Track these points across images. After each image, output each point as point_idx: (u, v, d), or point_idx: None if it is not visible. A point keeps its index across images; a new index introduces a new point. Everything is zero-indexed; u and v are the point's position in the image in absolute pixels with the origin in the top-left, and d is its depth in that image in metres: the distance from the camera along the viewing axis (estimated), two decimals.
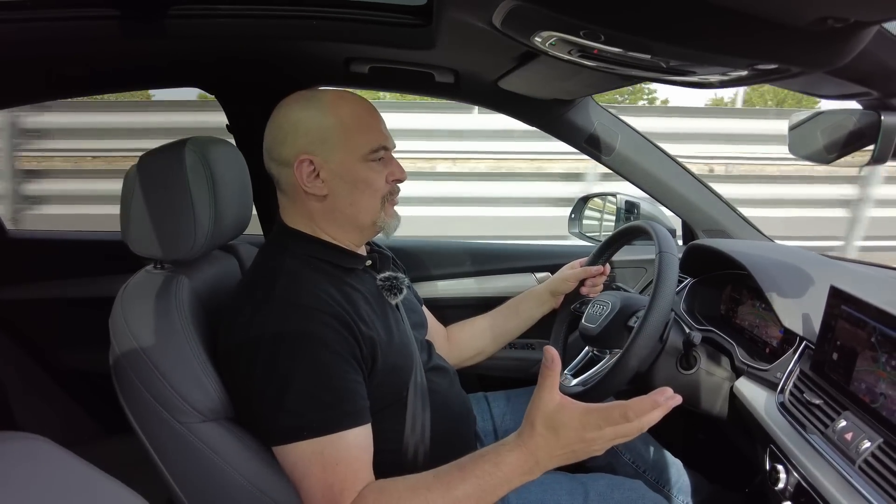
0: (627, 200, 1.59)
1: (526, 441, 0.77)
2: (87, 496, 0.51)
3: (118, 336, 0.90)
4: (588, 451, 0.77)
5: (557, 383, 0.77)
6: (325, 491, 0.79)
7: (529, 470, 0.78)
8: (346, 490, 0.79)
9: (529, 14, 0.69)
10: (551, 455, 0.76)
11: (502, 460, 0.78)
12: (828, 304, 0.88)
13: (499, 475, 0.77)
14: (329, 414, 0.81)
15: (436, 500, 0.77)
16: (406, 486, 0.80)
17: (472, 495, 0.77)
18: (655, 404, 0.73)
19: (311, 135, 0.91)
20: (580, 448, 0.76)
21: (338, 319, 0.86)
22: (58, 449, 0.51)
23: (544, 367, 0.76)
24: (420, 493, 0.78)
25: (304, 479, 0.80)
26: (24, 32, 1.05)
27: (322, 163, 0.92)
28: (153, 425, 0.88)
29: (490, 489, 0.78)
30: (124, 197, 0.94)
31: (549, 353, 0.76)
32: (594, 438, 0.75)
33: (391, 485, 0.81)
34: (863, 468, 0.73)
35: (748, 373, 1.04)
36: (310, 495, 0.80)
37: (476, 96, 1.51)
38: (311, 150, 0.91)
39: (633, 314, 1.13)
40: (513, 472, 0.77)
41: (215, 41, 1.18)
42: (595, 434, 0.74)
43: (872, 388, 0.78)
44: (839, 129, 0.89)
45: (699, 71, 0.74)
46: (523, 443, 0.77)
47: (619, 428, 0.74)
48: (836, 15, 0.54)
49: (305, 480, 0.80)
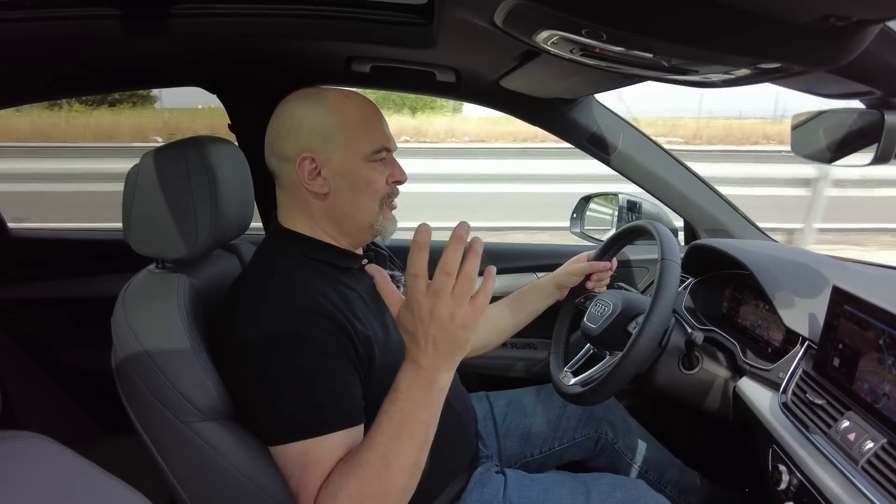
0: (629, 200, 1.58)
1: (405, 356, 0.77)
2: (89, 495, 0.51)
3: (120, 335, 0.90)
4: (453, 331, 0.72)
5: (394, 293, 0.76)
6: (301, 490, 0.78)
7: (425, 380, 0.75)
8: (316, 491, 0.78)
9: (531, 12, 0.69)
10: (426, 353, 0.74)
11: (396, 384, 0.76)
12: (830, 303, 0.88)
13: (400, 398, 0.76)
14: (320, 415, 0.81)
15: (364, 457, 0.76)
16: (341, 463, 0.78)
17: (388, 431, 0.75)
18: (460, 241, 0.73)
19: (315, 132, 0.91)
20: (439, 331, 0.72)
21: (331, 320, 0.85)
22: (59, 448, 0.51)
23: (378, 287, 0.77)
24: (351, 461, 0.77)
25: (289, 479, 0.81)
26: (25, 32, 1.05)
27: (324, 161, 0.92)
28: (155, 424, 0.88)
29: (403, 416, 0.75)
30: (126, 196, 0.94)
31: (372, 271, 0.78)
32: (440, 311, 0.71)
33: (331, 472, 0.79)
34: (866, 469, 0.72)
35: (750, 373, 1.04)
36: (293, 494, 0.80)
37: (477, 95, 1.51)
38: (313, 148, 0.91)
39: (633, 318, 1.13)
40: (410, 389, 0.75)
41: (217, 40, 1.18)
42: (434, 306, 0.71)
43: (876, 388, 0.77)
44: (842, 129, 0.89)
45: (701, 70, 0.74)
46: (405, 358, 0.77)
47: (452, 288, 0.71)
48: (838, 13, 0.53)
49: (290, 480, 0.80)
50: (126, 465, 0.66)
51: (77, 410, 1.73)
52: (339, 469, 0.78)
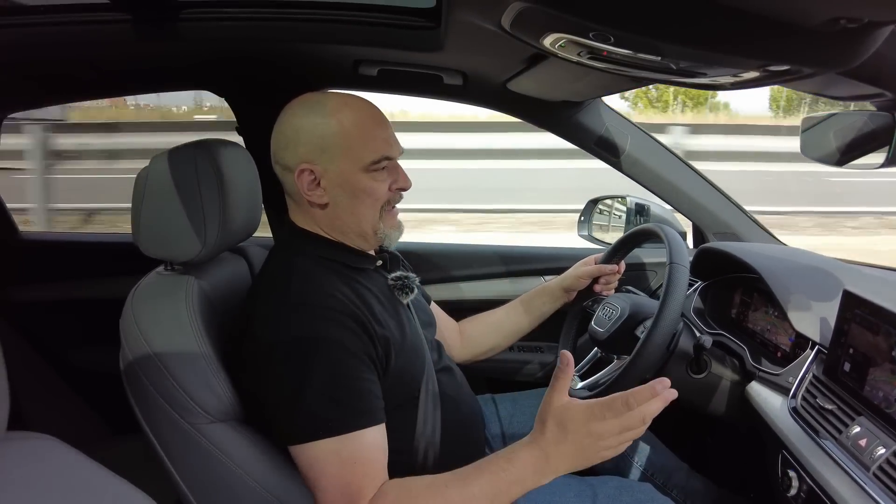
0: (637, 203, 1.58)
1: (537, 438, 0.79)
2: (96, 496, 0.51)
3: (129, 337, 0.90)
4: (598, 449, 0.77)
5: (568, 385, 0.79)
6: (342, 489, 0.80)
7: (541, 469, 0.78)
8: (364, 489, 0.80)
9: (538, 16, 0.69)
10: (562, 453, 0.77)
11: (515, 457, 0.79)
12: (841, 308, 0.87)
13: (512, 472, 0.78)
14: (345, 413, 0.81)
15: (453, 496, 0.79)
16: (425, 484, 0.81)
17: (486, 492, 0.78)
18: (654, 392, 0.76)
19: (312, 143, 0.91)
20: (589, 444, 0.77)
21: (353, 319, 0.86)
22: (67, 448, 0.51)
23: (559, 370, 0.79)
24: (438, 489, 0.80)
25: (321, 479, 0.81)
26: (35, 36, 1.06)
27: (322, 172, 0.91)
28: (162, 426, 0.88)
29: (504, 486, 0.79)
30: (135, 199, 0.94)
31: (564, 357, 0.79)
32: (601, 432, 0.76)
33: (411, 482, 0.82)
34: (877, 475, 0.71)
35: (760, 377, 1.03)
36: (326, 494, 0.81)
37: (485, 98, 1.51)
38: (311, 159, 0.91)
39: (641, 322, 1.13)
40: (525, 469, 0.79)
41: (225, 44, 1.18)
42: (600, 426, 0.75)
43: (887, 393, 0.77)
44: (852, 131, 0.88)
45: (710, 72, 0.73)
46: (534, 440, 0.79)
47: (624, 419, 0.75)
48: (849, 15, 0.53)
49: (322, 479, 0.81)
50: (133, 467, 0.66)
51: (85, 411, 1.74)
52: (421, 489, 0.81)
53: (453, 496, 0.79)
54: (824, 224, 5.95)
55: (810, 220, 6.01)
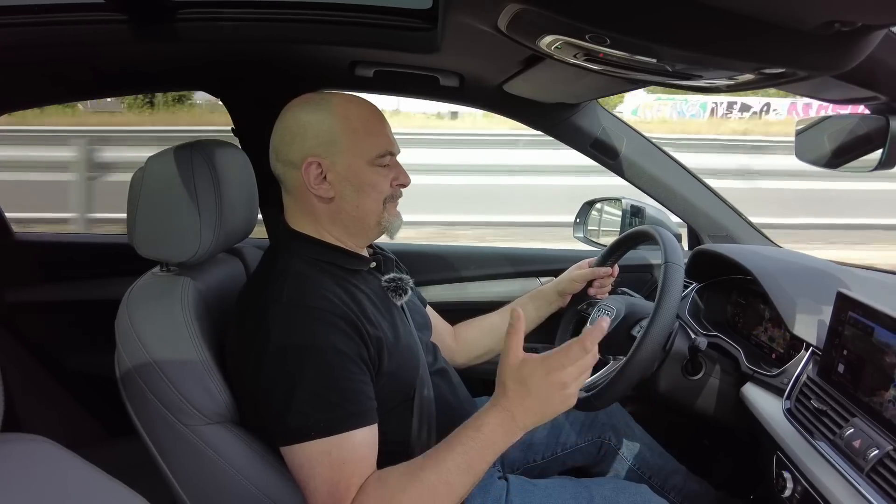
0: (633, 205, 1.58)
1: (499, 400, 0.82)
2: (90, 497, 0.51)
3: (124, 338, 0.90)
4: (562, 398, 0.81)
5: (521, 343, 0.83)
6: (330, 489, 0.80)
7: (510, 429, 0.81)
8: (350, 488, 0.80)
9: (535, 18, 0.69)
10: (527, 409, 0.81)
11: (482, 423, 0.82)
12: (835, 309, 0.87)
13: (481, 438, 0.81)
14: (336, 414, 0.82)
15: (429, 476, 0.80)
16: (401, 472, 0.82)
17: (461, 465, 0.80)
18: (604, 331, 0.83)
19: (320, 137, 0.92)
20: (552, 394, 0.80)
21: (345, 320, 0.86)
22: (62, 450, 0.51)
23: (510, 328, 0.82)
24: (414, 473, 0.81)
25: (311, 479, 0.81)
26: (31, 36, 1.06)
27: (329, 165, 0.92)
28: (157, 427, 0.88)
29: (477, 455, 0.81)
30: (131, 200, 0.94)
31: (515, 314, 0.83)
32: (563, 380, 0.80)
33: (387, 474, 0.83)
34: (871, 476, 0.72)
35: (754, 379, 1.03)
36: (315, 494, 0.81)
37: (481, 100, 1.51)
38: (318, 153, 0.92)
39: (637, 322, 1.13)
40: (494, 433, 0.81)
41: (221, 45, 1.18)
42: (561, 374, 0.80)
43: (881, 395, 0.77)
44: (846, 134, 0.89)
45: (706, 75, 0.74)
46: (497, 403, 0.82)
47: (581, 362, 0.81)
48: (843, 19, 0.53)
49: (312, 480, 0.81)
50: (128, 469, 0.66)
51: (80, 413, 1.73)
52: (397, 477, 0.81)
53: (430, 477, 0.80)
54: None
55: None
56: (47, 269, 1.72)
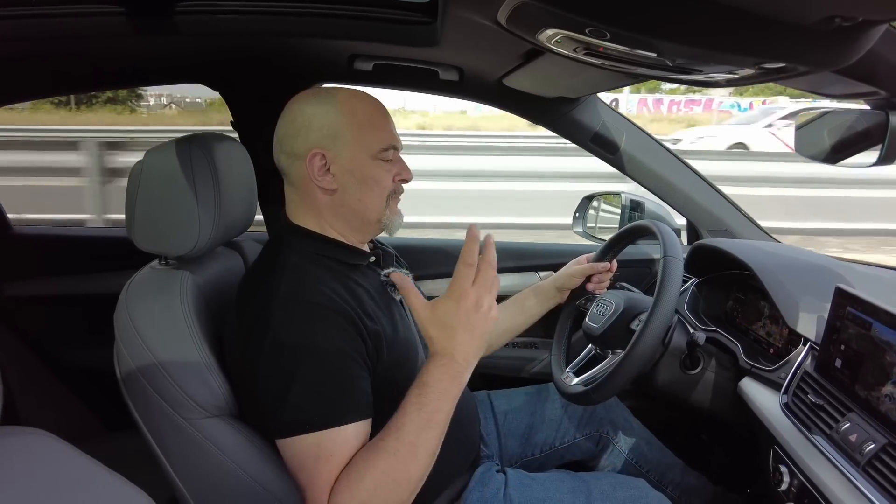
0: (632, 199, 1.58)
1: (434, 350, 0.84)
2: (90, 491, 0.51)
3: (122, 332, 0.90)
4: (484, 318, 0.84)
5: (419, 296, 0.86)
6: (315, 482, 0.80)
7: (454, 371, 0.82)
8: (331, 481, 0.80)
9: (535, 11, 0.69)
10: (461, 344, 0.83)
11: (427, 378, 0.82)
12: (833, 305, 0.88)
13: (431, 393, 0.81)
14: (331, 409, 0.82)
15: (391, 444, 0.79)
16: (363, 451, 0.82)
17: (419, 422, 0.80)
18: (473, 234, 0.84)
19: (325, 130, 0.92)
20: (475, 319, 0.83)
21: (342, 316, 0.86)
22: (61, 444, 0.51)
23: (401, 290, 0.87)
24: (375, 446, 0.81)
25: (299, 471, 0.81)
26: (29, 29, 1.05)
27: (333, 158, 0.93)
28: (157, 421, 0.88)
29: (432, 409, 0.81)
30: (130, 193, 0.94)
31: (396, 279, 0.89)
32: (472, 302, 0.83)
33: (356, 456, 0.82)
34: (867, 470, 0.72)
35: (752, 373, 1.04)
36: (302, 486, 0.81)
37: (481, 94, 1.50)
38: (323, 145, 0.92)
39: (636, 316, 1.13)
40: (441, 382, 0.82)
41: (220, 38, 1.18)
42: (468, 299, 0.82)
43: (878, 390, 0.77)
44: (846, 129, 0.89)
45: (706, 69, 0.73)
46: (432, 354, 0.84)
47: (479, 278, 0.84)
48: (843, 14, 0.53)
49: (300, 472, 0.81)
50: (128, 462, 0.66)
51: (79, 407, 1.73)
52: (361, 456, 0.81)
53: (392, 444, 0.80)
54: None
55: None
56: (46, 262, 1.72)
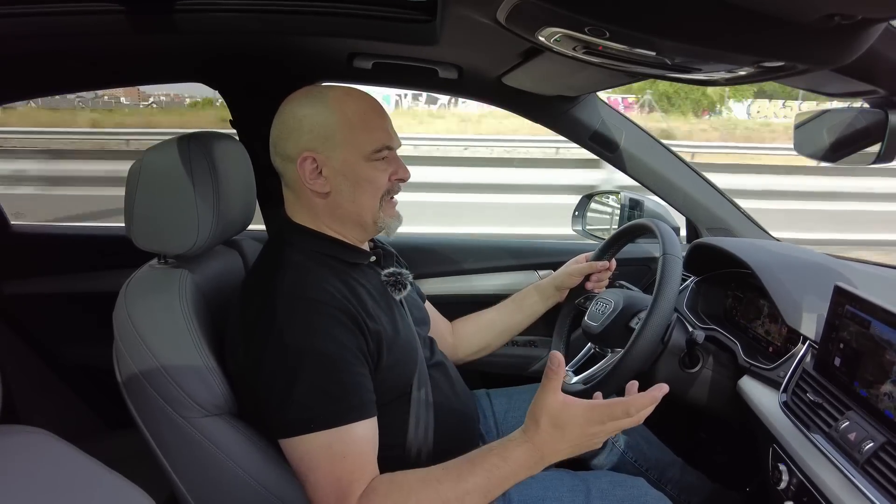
0: (631, 198, 1.58)
1: (532, 437, 0.81)
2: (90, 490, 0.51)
3: (121, 331, 0.90)
4: (590, 444, 0.82)
5: (560, 385, 0.81)
6: (333, 484, 0.80)
7: (535, 465, 0.81)
8: (354, 482, 0.80)
9: (534, 10, 0.69)
10: (556, 450, 0.81)
11: (509, 455, 0.81)
12: (832, 303, 0.88)
13: (505, 469, 0.81)
14: (337, 407, 0.82)
15: (446, 491, 0.79)
16: (417, 478, 0.81)
17: (480, 487, 0.80)
18: (655, 400, 0.79)
19: (315, 132, 0.91)
20: (584, 441, 0.81)
21: (345, 313, 0.86)
22: (60, 443, 0.51)
23: (549, 371, 0.80)
24: (431, 484, 0.80)
25: (312, 472, 0.81)
26: (28, 27, 1.05)
27: (325, 160, 0.92)
28: (155, 419, 0.88)
29: (497, 482, 0.81)
30: (128, 192, 0.94)
31: (555, 358, 0.80)
32: (597, 433, 0.80)
33: (402, 477, 0.82)
34: (866, 468, 0.72)
35: (751, 372, 1.04)
36: (317, 488, 0.81)
37: (480, 92, 1.50)
38: (314, 148, 0.91)
39: (635, 315, 1.13)
40: (519, 466, 0.81)
41: (218, 36, 1.18)
42: (598, 428, 0.80)
43: (877, 388, 0.77)
44: (845, 128, 0.89)
45: (704, 68, 0.73)
46: (529, 439, 0.81)
47: (620, 422, 0.80)
48: (843, 12, 0.53)
49: (312, 473, 0.81)
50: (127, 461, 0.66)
51: (79, 405, 1.73)
52: (409, 482, 0.81)
53: (446, 492, 0.79)
54: None
55: None
56: (45, 260, 1.72)
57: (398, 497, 0.79)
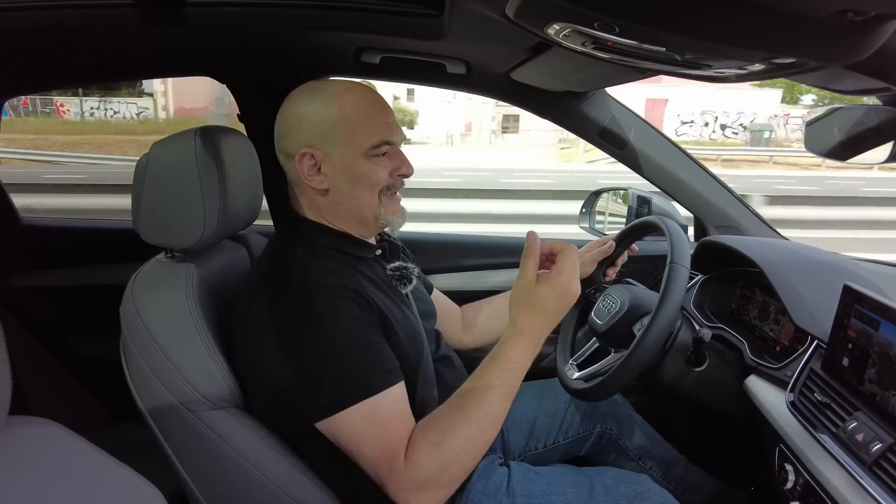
0: (639, 195, 1.57)
1: (522, 326, 0.87)
2: (97, 480, 0.51)
3: (129, 324, 0.90)
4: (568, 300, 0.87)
5: (537, 266, 0.88)
6: (383, 448, 0.81)
7: (534, 345, 0.87)
8: (401, 440, 0.82)
9: (543, 5, 0.68)
10: (544, 323, 0.87)
11: (512, 356, 0.86)
12: (841, 302, 0.87)
13: (514, 366, 0.86)
14: (372, 375, 0.83)
15: (474, 413, 0.83)
16: (444, 413, 0.85)
17: (501, 394, 0.85)
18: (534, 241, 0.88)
19: (314, 128, 0.91)
20: (561, 301, 0.87)
21: (357, 293, 0.87)
22: (69, 434, 0.51)
23: (526, 251, 0.88)
24: (457, 414, 0.83)
25: (362, 444, 0.82)
26: (38, 21, 1.06)
27: (323, 157, 0.92)
28: (162, 412, 0.89)
29: (512, 379, 0.86)
30: (136, 186, 0.94)
31: (530, 238, 0.88)
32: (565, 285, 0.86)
33: (431, 419, 0.85)
34: (873, 469, 0.72)
35: (758, 371, 1.03)
36: (370, 458, 0.82)
37: (488, 88, 1.50)
38: (312, 144, 0.91)
39: (639, 318, 1.13)
40: (523, 356, 0.87)
41: (227, 30, 1.18)
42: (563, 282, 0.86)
43: (885, 389, 0.77)
44: (857, 126, 0.88)
45: (715, 64, 0.73)
46: (520, 330, 0.87)
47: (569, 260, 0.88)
48: (856, 8, 0.52)
49: (363, 445, 0.82)
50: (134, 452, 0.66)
51: (86, 398, 1.75)
52: (439, 422, 0.84)
53: (475, 413, 0.83)
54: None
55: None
56: (53, 253, 1.73)
57: (434, 438, 0.82)
